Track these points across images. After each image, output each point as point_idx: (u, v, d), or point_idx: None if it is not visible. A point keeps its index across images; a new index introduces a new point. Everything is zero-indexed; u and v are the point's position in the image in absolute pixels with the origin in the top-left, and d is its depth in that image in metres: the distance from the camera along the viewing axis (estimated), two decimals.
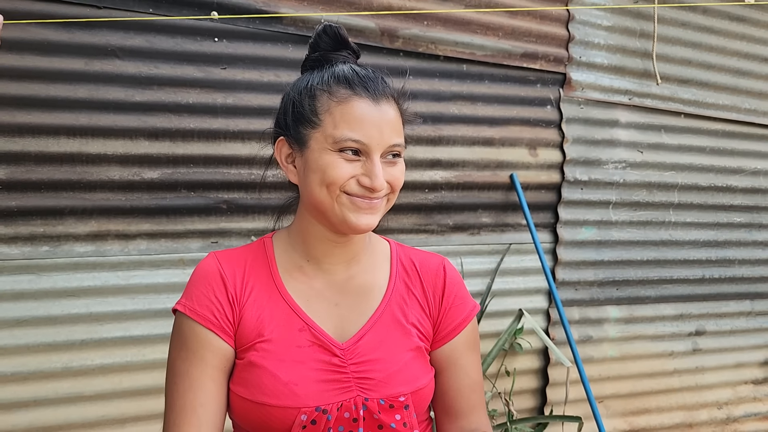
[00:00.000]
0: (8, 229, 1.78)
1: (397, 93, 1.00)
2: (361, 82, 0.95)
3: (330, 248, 1.01)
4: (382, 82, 0.98)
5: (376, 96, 0.94)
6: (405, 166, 0.99)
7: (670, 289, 2.75)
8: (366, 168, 0.93)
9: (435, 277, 1.08)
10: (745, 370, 2.95)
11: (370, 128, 0.92)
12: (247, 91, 1.99)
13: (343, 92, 0.94)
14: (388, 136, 0.94)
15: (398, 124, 0.97)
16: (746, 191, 2.87)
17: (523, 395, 2.51)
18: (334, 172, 0.92)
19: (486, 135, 2.35)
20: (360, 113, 0.92)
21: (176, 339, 0.98)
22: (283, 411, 0.92)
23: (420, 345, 1.02)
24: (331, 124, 0.93)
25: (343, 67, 0.97)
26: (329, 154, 0.93)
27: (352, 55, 1.02)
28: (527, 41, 2.37)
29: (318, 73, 0.98)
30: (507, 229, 2.43)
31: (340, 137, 0.92)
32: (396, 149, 0.96)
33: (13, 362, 1.80)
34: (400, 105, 1.00)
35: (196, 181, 1.95)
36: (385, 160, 0.95)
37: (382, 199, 0.96)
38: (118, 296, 1.90)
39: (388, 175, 0.95)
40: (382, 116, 0.94)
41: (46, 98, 1.77)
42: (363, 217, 0.94)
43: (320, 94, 0.95)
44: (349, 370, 0.96)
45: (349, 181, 0.93)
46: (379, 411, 0.95)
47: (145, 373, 1.93)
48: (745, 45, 2.78)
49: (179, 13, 1.88)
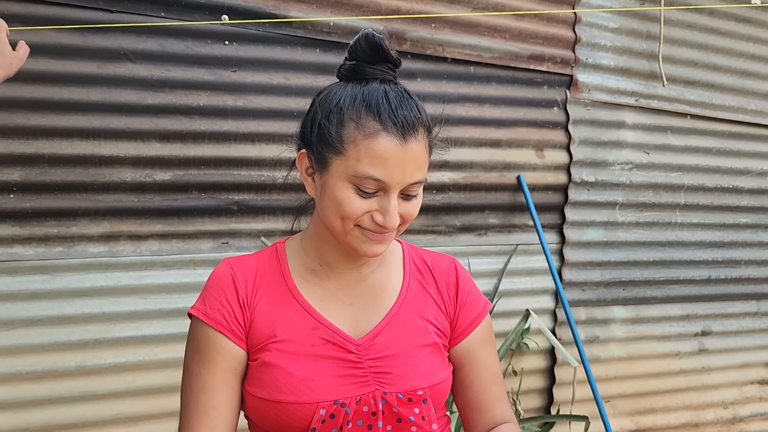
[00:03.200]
0: (23, 230, 1.80)
1: (430, 121, 0.95)
2: (391, 114, 0.89)
3: (343, 255, 1.02)
4: (415, 112, 0.92)
5: (405, 132, 0.89)
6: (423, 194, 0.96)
7: (676, 289, 2.76)
8: (381, 204, 0.91)
9: (448, 275, 1.09)
10: (751, 370, 2.96)
11: (394, 168, 0.89)
12: (257, 94, 2.01)
13: (371, 125, 0.89)
14: (411, 175, 0.90)
15: (423, 160, 0.93)
16: (752, 192, 2.87)
17: (530, 395, 2.53)
18: (349, 207, 0.91)
19: (493, 136, 2.36)
20: (385, 152, 0.88)
21: (191, 342, 1.00)
22: (300, 407, 0.93)
23: (437, 341, 1.03)
24: (355, 156, 0.89)
25: (377, 91, 0.92)
26: (347, 187, 0.91)
27: (391, 69, 0.96)
28: (534, 43, 2.39)
29: (351, 92, 0.94)
30: (514, 229, 2.44)
31: (361, 173, 0.89)
32: (415, 187, 0.93)
33: (28, 361, 1.83)
34: (431, 135, 0.96)
35: (207, 182, 1.97)
36: (401, 196, 0.93)
37: (392, 231, 0.95)
38: (130, 296, 1.92)
39: (403, 209, 0.93)
40: (407, 155, 0.89)
41: (59, 101, 1.80)
42: (373, 247, 0.94)
43: (348, 122, 0.91)
44: (366, 365, 0.97)
45: (364, 216, 0.92)
46: (398, 404, 0.95)
47: (157, 372, 1.96)
48: (752, 46, 2.79)
49: (190, 17, 1.90)
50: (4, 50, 1.39)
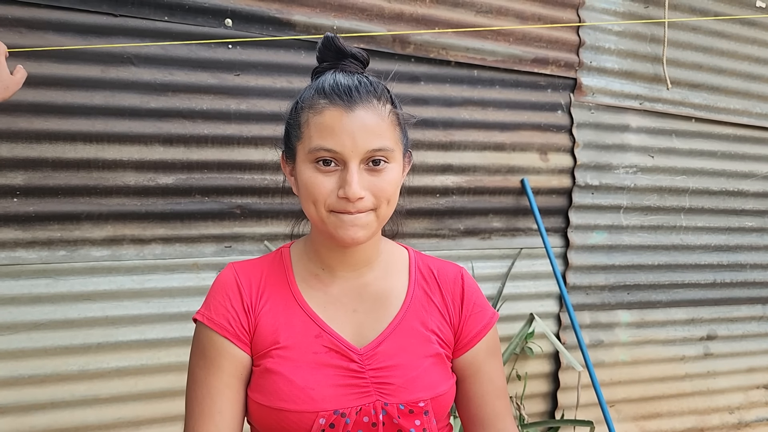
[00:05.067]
0: (26, 234, 1.81)
1: (382, 96, 0.95)
2: (335, 90, 0.92)
3: (339, 256, 1.02)
4: (359, 87, 0.93)
5: (350, 102, 0.91)
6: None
7: (681, 293, 2.74)
8: (342, 177, 0.91)
9: (454, 285, 1.08)
10: (757, 375, 2.94)
11: (342, 135, 0.90)
12: (261, 97, 2.01)
13: (320, 103, 0.92)
14: (364, 142, 0.90)
15: (380, 128, 0.92)
16: (758, 195, 2.86)
17: (534, 399, 2.51)
18: (314, 188, 0.92)
19: (497, 140, 2.36)
20: (331, 121, 0.91)
21: (195, 347, 1.00)
22: (300, 416, 0.92)
23: (440, 351, 1.02)
24: (308, 135, 0.93)
25: (327, 78, 0.95)
26: (308, 167, 0.93)
27: (356, 63, 1.00)
28: (538, 46, 2.38)
29: (309, 86, 0.98)
30: (518, 233, 2.43)
31: (313, 147, 0.91)
32: (377, 155, 0.92)
33: (31, 365, 1.83)
34: (393, 108, 0.97)
35: (210, 186, 1.97)
36: (367, 167, 0.92)
37: (367, 213, 0.93)
38: (133, 300, 1.92)
39: (369, 183, 0.92)
40: (354, 122, 0.90)
41: (63, 105, 1.80)
42: (348, 230, 0.93)
43: (303, 109, 0.95)
44: (367, 375, 0.96)
45: (330, 195, 0.92)
46: (399, 416, 0.95)
47: (160, 375, 1.96)
48: (756, 49, 2.78)
49: (194, 21, 1.90)
50: (2, 74, 1.40)
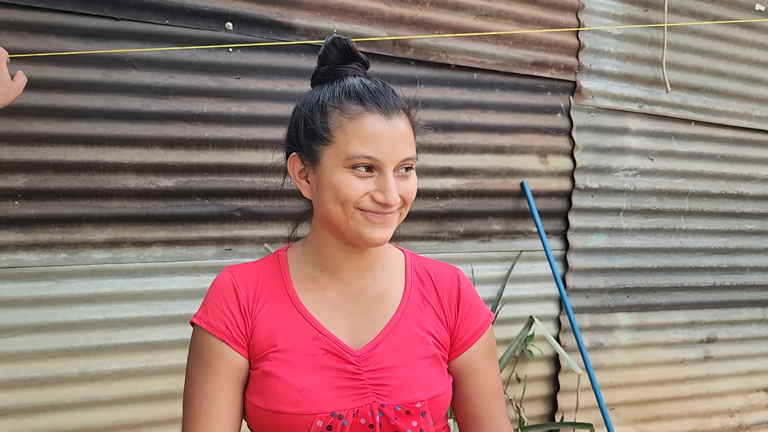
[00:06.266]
0: (27, 237, 1.81)
1: (408, 104, 0.99)
2: (372, 96, 0.94)
3: (344, 259, 1.02)
4: (392, 95, 0.97)
5: (387, 110, 0.94)
6: (417, 176, 1.00)
7: (681, 296, 2.74)
8: (379, 183, 0.93)
9: (450, 286, 1.08)
10: (757, 378, 2.94)
11: (383, 144, 0.92)
12: (261, 101, 2.01)
13: (354, 108, 0.94)
14: (401, 151, 0.93)
15: (410, 137, 0.96)
16: (757, 198, 2.86)
17: (534, 402, 2.51)
18: (348, 190, 0.92)
19: (497, 143, 2.36)
20: (372, 129, 0.92)
21: (193, 351, 1.00)
22: (298, 418, 0.93)
23: (437, 353, 1.02)
24: (344, 140, 0.93)
25: (354, 81, 0.97)
26: (342, 171, 0.93)
27: (361, 67, 1.02)
28: (537, 50, 2.39)
29: (328, 88, 0.98)
30: (518, 236, 2.44)
31: (353, 154, 0.92)
32: (408, 162, 0.96)
33: (31, 367, 1.83)
34: (411, 116, 1.00)
35: (211, 189, 1.97)
36: (397, 174, 0.95)
37: (395, 213, 0.96)
38: (133, 302, 1.93)
39: (401, 188, 0.95)
40: (394, 131, 0.93)
41: (64, 108, 1.81)
42: (378, 231, 0.95)
43: (332, 111, 0.95)
44: (364, 377, 0.96)
45: (363, 197, 0.93)
46: (396, 417, 0.95)
47: (160, 378, 1.96)
48: (756, 52, 2.79)
49: (195, 24, 1.91)
50: (3, 80, 1.41)
